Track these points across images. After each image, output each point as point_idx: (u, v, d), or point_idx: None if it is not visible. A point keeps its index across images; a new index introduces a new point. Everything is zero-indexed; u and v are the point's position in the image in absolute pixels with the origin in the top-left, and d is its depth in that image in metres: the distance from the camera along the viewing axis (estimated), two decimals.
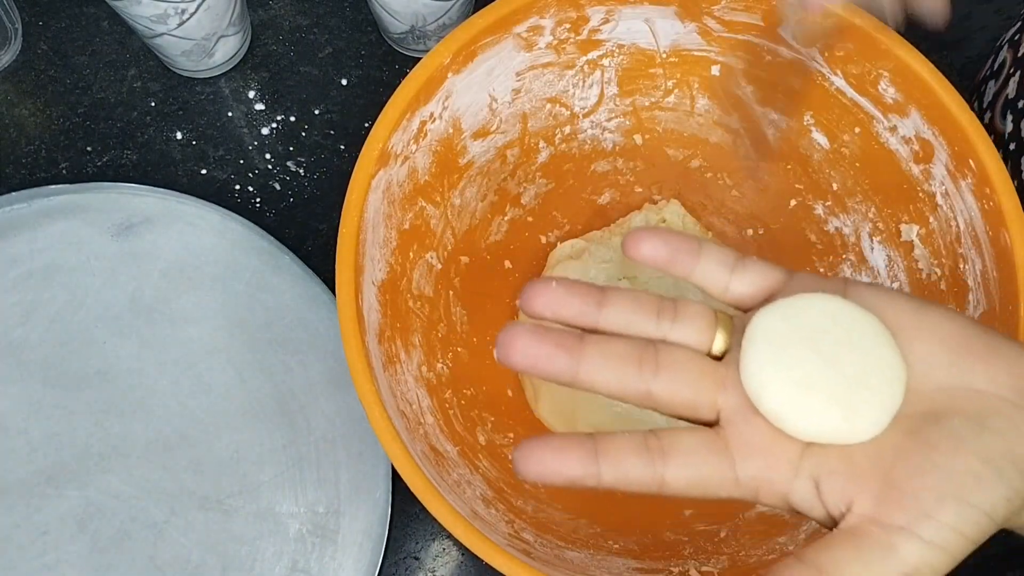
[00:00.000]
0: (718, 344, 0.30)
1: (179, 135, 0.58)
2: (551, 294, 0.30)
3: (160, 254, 0.53)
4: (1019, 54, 0.52)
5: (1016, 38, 0.52)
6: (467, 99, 0.46)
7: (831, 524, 0.28)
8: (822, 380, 0.28)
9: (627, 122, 0.52)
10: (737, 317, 0.31)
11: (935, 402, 0.28)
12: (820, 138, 0.49)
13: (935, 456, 0.26)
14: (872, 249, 0.49)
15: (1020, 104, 0.50)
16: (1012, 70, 0.52)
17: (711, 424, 0.29)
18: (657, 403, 0.29)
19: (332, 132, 0.58)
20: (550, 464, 0.28)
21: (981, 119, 0.49)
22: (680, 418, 0.30)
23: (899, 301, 0.29)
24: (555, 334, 0.29)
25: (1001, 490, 0.26)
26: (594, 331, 0.30)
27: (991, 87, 0.54)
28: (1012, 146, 0.50)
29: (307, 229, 0.56)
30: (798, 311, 0.29)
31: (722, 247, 0.31)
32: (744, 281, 0.31)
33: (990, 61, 0.56)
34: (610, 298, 0.30)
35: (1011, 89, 0.51)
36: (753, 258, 0.31)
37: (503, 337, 0.29)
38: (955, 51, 0.62)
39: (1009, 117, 0.51)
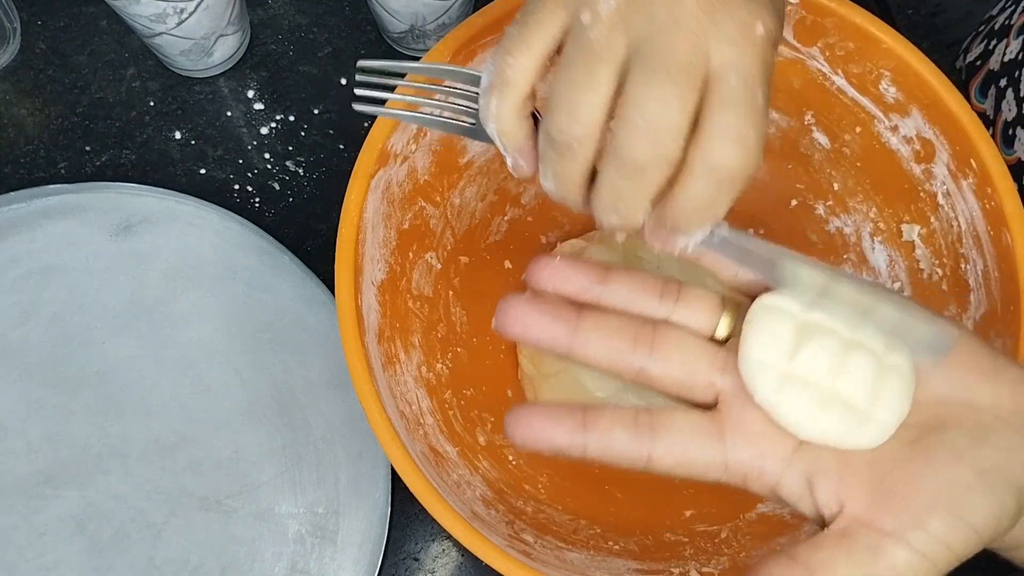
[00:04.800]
0: (721, 328, 0.30)
1: (178, 135, 0.58)
2: (555, 267, 0.30)
3: (159, 254, 0.53)
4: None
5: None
6: None
7: (819, 519, 0.28)
8: (827, 378, 0.27)
9: None
10: (747, 304, 0.30)
11: (936, 414, 0.28)
12: (821, 138, 0.49)
13: (931, 465, 0.26)
14: (873, 249, 0.49)
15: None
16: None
17: (709, 407, 0.29)
18: (651, 381, 0.29)
19: (332, 132, 0.58)
20: (538, 432, 0.28)
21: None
22: (676, 399, 0.30)
23: None
24: (553, 306, 0.29)
25: (991, 507, 0.26)
26: (596, 307, 0.30)
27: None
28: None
29: (307, 229, 0.56)
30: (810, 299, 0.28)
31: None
32: None
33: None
34: (613, 276, 0.30)
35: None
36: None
37: (501, 306, 0.29)
38: (956, 50, 0.62)
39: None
